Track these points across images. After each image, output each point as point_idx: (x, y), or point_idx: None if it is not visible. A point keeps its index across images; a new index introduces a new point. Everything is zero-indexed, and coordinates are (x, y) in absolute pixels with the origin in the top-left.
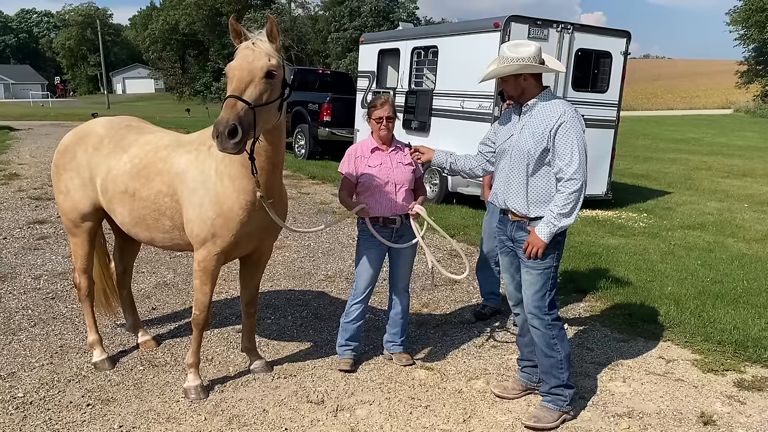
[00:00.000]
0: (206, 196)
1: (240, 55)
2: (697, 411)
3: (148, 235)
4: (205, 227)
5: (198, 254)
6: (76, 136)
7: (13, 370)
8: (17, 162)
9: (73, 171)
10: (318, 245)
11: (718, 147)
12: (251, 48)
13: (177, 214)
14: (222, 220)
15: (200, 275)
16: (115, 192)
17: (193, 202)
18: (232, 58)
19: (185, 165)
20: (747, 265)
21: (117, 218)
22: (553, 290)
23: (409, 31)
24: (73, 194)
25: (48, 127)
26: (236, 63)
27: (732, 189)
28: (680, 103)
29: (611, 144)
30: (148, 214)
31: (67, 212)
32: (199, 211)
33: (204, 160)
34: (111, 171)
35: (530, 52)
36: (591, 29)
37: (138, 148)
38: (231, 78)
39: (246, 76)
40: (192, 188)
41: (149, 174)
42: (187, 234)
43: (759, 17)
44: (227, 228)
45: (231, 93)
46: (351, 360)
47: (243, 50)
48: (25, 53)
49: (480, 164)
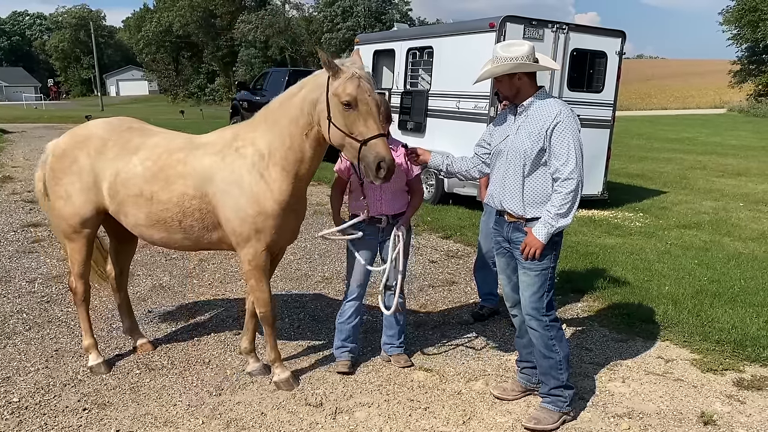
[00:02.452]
0: (242, 196)
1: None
2: (697, 411)
3: (165, 236)
4: (246, 225)
5: (245, 254)
6: (75, 140)
7: (8, 374)
8: (11, 165)
9: (74, 175)
10: (314, 247)
11: (712, 146)
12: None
13: (207, 215)
14: (263, 217)
15: (254, 274)
16: (127, 195)
17: (228, 203)
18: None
19: (211, 167)
20: (743, 264)
21: (128, 221)
22: (550, 291)
23: (404, 32)
24: (74, 199)
25: (41, 129)
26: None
27: (727, 188)
28: (674, 102)
29: (607, 144)
30: (170, 216)
31: (68, 218)
32: (236, 210)
33: (233, 161)
34: (120, 174)
35: (523, 51)
36: (586, 29)
37: (148, 151)
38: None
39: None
40: (223, 189)
41: (168, 177)
42: (229, 233)
43: (752, 17)
44: (270, 224)
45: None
46: (349, 362)
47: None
48: (18, 56)
49: (476, 166)
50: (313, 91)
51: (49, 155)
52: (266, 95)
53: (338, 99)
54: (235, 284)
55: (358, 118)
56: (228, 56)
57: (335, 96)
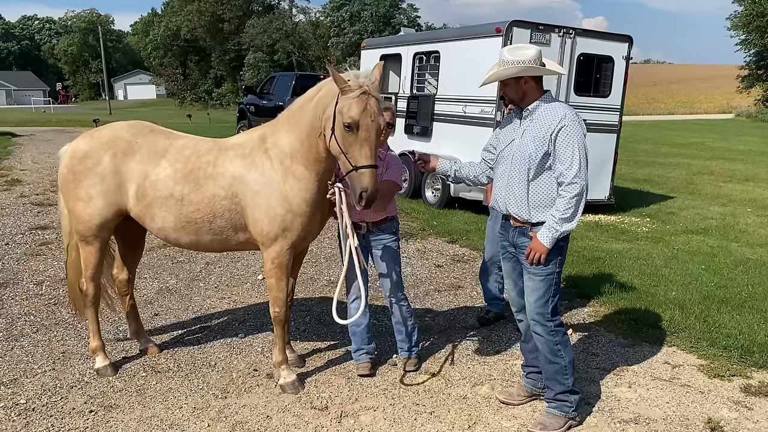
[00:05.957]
0: (272, 196)
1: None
2: (704, 417)
3: (194, 238)
4: (275, 224)
5: (270, 252)
6: (99, 142)
7: (15, 376)
8: (19, 168)
9: (96, 177)
10: (320, 250)
11: (719, 151)
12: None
13: (236, 216)
14: (291, 215)
15: (276, 272)
16: (156, 197)
17: (259, 204)
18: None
19: (242, 169)
20: (751, 270)
21: (154, 224)
22: (555, 296)
23: (410, 37)
24: (96, 201)
25: (50, 133)
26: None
27: (734, 193)
28: (681, 107)
29: (614, 148)
30: (200, 217)
31: (87, 220)
32: (266, 210)
33: (262, 163)
34: (149, 176)
35: (530, 55)
36: (593, 34)
37: (176, 153)
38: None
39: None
40: (255, 190)
41: (198, 178)
42: (256, 234)
43: (760, 22)
44: (297, 222)
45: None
46: (369, 364)
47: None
48: (27, 60)
49: (484, 172)
50: (325, 97)
51: (66, 159)
52: (273, 99)
53: (341, 117)
54: (242, 288)
55: (355, 142)
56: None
57: (339, 113)
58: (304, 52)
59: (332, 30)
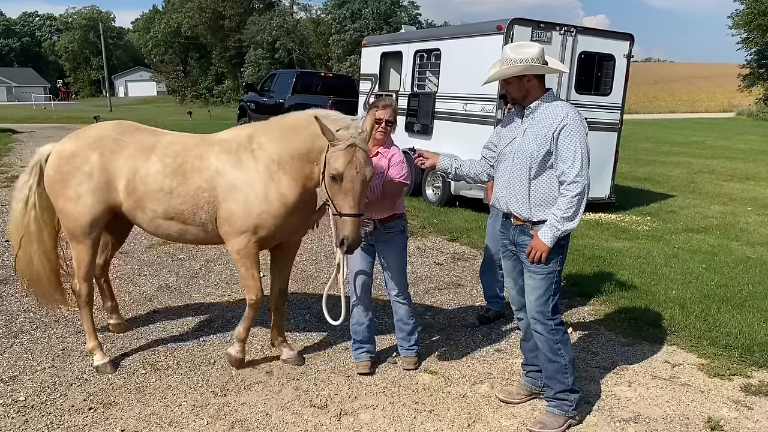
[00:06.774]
0: (251, 193)
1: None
2: (704, 416)
3: (181, 228)
4: (249, 220)
5: (235, 244)
6: (86, 141)
7: (14, 373)
8: (19, 165)
9: (84, 175)
10: (321, 248)
11: (720, 150)
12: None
13: (213, 208)
14: (266, 215)
15: (243, 262)
16: (147, 191)
17: (236, 198)
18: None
19: (225, 163)
20: (752, 269)
21: (145, 216)
22: (556, 295)
23: (411, 34)
24: (85, 199)
25: (50, 130)
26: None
27: (735, 192)
28: (682, 106)
29: (614, 147)
30: (186, 209)
31: (78, 218)
32: (243, 205)
33: (247, 161)
34: (139, 172)
35: (533, 53)
36: (594, 32)
37: (164, 148)
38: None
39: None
40: (234, 185)
41: (186, 172)
42: (228, 224)
43: (761, 21)
44: (271, 222)
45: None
46: (368, 362)
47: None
48: (28, 56)
49: (485, 170)
50: (321, 137)
51: (47, 159)
52: (273, 96)
53: (328, 167)
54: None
55: (340, 191)
56: (236, 57)
57: (327, 163)
58: (304, 50)
59: (333, 27)
